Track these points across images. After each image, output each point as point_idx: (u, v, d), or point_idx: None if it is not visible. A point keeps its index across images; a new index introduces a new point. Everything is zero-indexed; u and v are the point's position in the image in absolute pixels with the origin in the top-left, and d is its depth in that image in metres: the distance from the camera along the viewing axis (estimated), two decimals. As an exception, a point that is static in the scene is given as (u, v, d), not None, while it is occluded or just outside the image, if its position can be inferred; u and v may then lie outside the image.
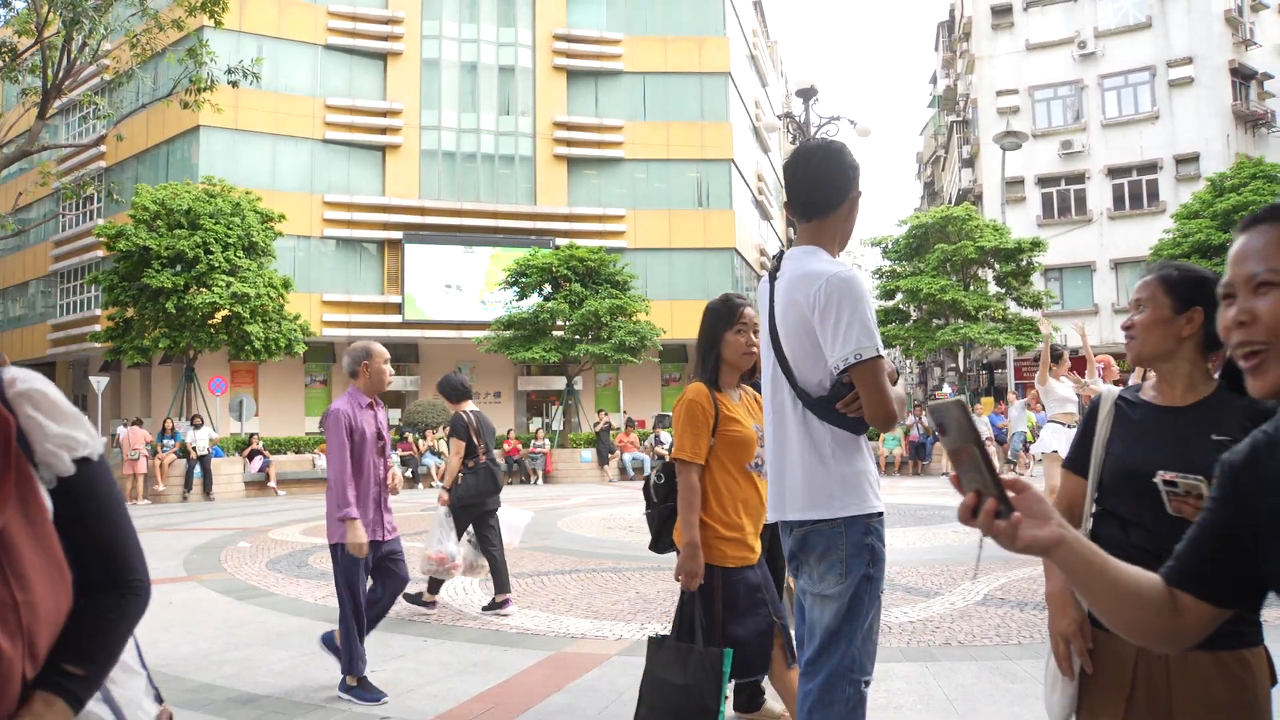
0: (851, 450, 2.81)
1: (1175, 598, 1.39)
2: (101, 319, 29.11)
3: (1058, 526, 1.32)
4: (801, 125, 16.80)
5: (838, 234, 2.96)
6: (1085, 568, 1.34)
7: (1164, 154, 34.42)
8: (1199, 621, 1.38)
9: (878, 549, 2.78)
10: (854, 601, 2.73)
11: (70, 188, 25.57)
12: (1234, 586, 1.37)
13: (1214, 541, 1.39)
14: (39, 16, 18.70)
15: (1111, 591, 1.36)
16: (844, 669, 2.72)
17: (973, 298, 29.38)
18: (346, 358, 5.55)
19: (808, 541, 2.82)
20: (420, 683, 5.47)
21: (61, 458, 1.41)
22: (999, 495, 1.33)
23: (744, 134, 41.28)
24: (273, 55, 31.87)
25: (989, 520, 1.31)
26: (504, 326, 28.54)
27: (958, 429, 1.37)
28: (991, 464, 1.34)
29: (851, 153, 2.98)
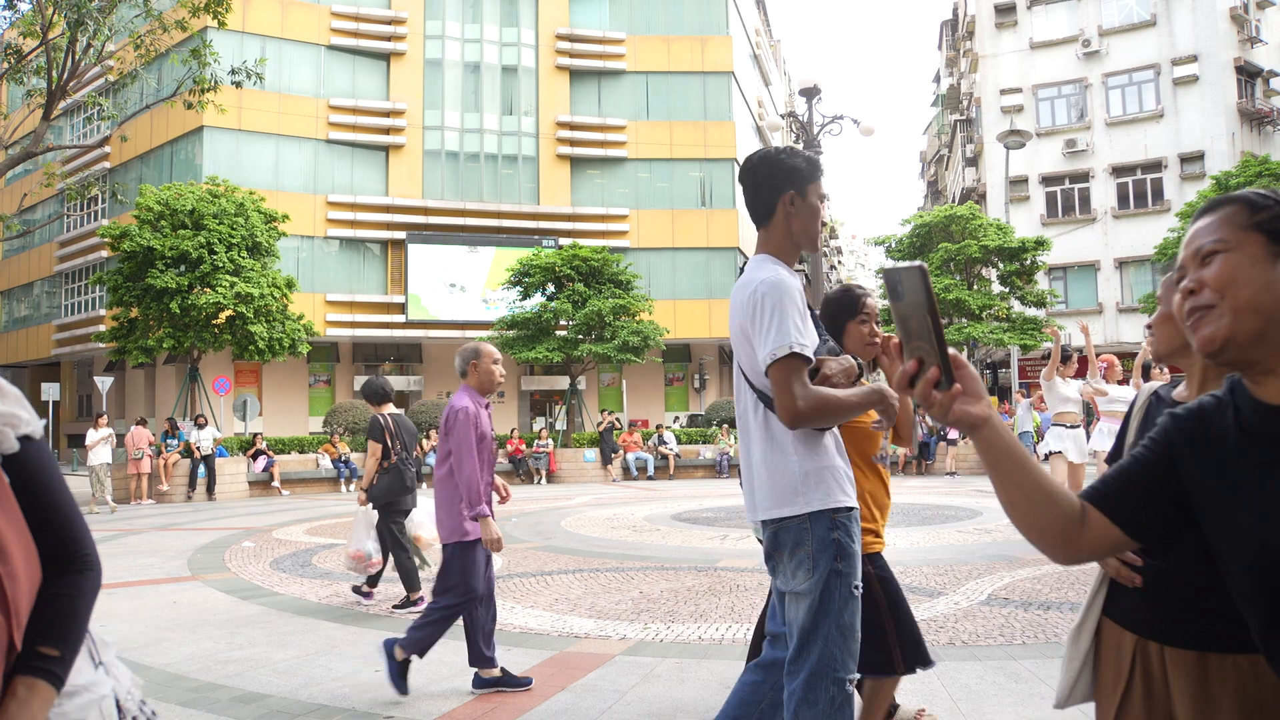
0: (814, 446, 2.84)
1: (1086, 513, 1.45)
2: (106, 319, 29.16)
3: (988, 407, 1.39)
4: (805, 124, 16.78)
5: (785, 238, 3.01)
6: (1006, 452, 1.41)
7: (1169, 152, 34.38)
8: (1100, 541, 1.45)
9: (845, 543, 2.79)
10: (824, 597, 2.75)
11: (75, 188, 25.58)
12: (1146, 522, 1.45)
13: (1143, 479, 1.46)
14: (44, 18, 18.74)
15: (1027, 482, 1.42)
16: (824, 667, 2.73)
17: (976, 297, 29.36)
18: (457, 358, 5.58)
19: (778, 540, 2.86)
20: (424, 682, 5.47)
21: (6, 435, 1.43)
22: (943, 366, 1.36)
23: (747, 133, 41.27)
24: (276, 55, 31.95)
25: (927, 389, 1.37)
26: (507, 326, 28.54)
27: (912, 294, 1.38)
28: (941, 334, 1.36)
29: (793, 155, 2.99)
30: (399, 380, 36.26)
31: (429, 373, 36.55)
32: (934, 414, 1.38)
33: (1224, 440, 1.41)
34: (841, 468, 2.88)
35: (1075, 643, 2.20)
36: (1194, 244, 1.45)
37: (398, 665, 5.20)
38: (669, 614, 7.19)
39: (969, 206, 32.25)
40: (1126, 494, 1.46)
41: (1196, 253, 1.44)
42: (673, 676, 5.47)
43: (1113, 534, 1.45)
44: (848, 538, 2.79)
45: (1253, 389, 1.41)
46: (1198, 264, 1.43)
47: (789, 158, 2.98)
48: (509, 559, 10.31)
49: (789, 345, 2.71)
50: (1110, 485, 1.48)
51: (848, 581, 2.77)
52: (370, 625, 7.08)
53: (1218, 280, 1.39)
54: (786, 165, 2.97)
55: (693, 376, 37.98)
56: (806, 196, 2.97)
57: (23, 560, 1.40)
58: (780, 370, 2.71)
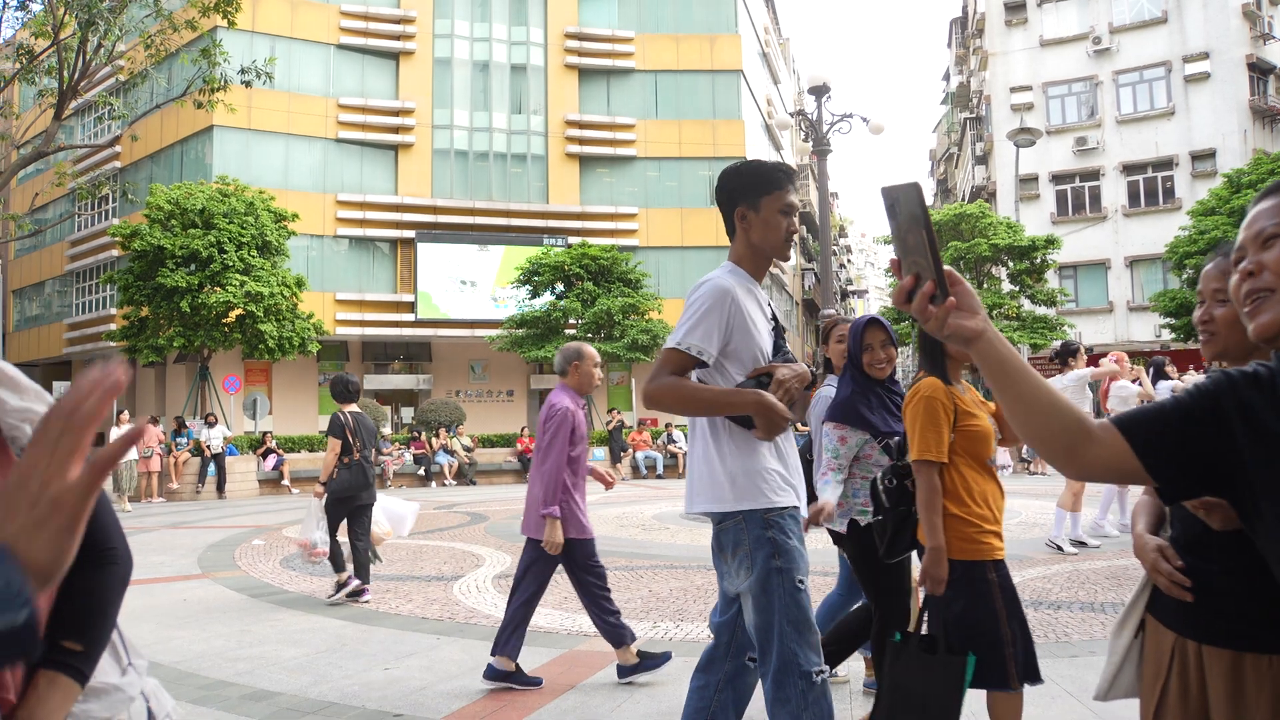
0: (747, 449, 2.90)
1: (1101, 432, 1.42)
2: (117, 318, 29.25)
3: (984, 321, 1.39)
4: (814, 123, 16.75)
5: (747, 248, 3.08)
6: (1004, 363, 1.41)
7: (1180, 150, 34.26)
8: (1108, 461, 1.41)
9: (780, 541, 2.82)
10: (766, 594, 2.79)
11: (86, 188, 25.66)
12: (1167, 463, 1.40)
13: (1181, 422, 1.40)
14: (55, 18, 18.80)
15: (1027, 391, 1.42)
16: (785, 664, 2.76)
17: (986, 296, 29.30)
18: (558, 356, 5.64)
19: (720, 542, 2.93)
20: (433, 680, 5.48)
21: (25, 430, 1.45)
22: (938, 280, 1.38)
23: (756, 132, 41.23)
24: (285, 55, 31.99)
25: (924, 302, 1.38)
26: (516, 325, 28.57)
27: (908, 211, 1.40)
28: (937, 251, 1.38)
29: (749, 169, 3.07)
30: (409, 379, 36.32)
31: (438, 371, 36.58)
32: (930, 328, 1.40)
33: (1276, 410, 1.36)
34: (777, 471, 2.92)
35: (1117, 637, 2.19)
36: (1255, 226, 1.43)
37: (508, 674, 5.28)
38: (678, 612, 7.19)
39: (979, 205, 32.17)
40: (1158, 430, 1.41)
41: (1259, 235, 1.42)
42: (682, 675, 5.46)
43: (1127, 461, 1.41)
44: (783, 535, 2.84)
45: None
46: (1259, 246, 1.41)
47: (743, 174, 3.07)
48: (518, 558, 10.31)
49: (676, 342, 2.87)
50: (1144, 416, 1.44)
51: (789, 577, 2.81)
52: (379, 624, 7.09)
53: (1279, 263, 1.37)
54: (739, 181, 3.06)
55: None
56: (759, 210, 3.02)
57: None
58: (661, 358, 2.89)
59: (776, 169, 3.05)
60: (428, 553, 10.99)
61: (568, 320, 27.88)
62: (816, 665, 2.78)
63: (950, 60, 55.36)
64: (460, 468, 24.65)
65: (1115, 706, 2.13)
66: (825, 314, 15.78)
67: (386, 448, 24.26)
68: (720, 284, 2.93)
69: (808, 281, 56.51)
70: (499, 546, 11.34)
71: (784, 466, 2.96)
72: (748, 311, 2.95)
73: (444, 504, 18.14)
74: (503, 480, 25.17)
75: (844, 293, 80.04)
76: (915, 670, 3.29)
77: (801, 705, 2.74)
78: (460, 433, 25.62)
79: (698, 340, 2.87)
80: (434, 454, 24.65)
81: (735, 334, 2.92)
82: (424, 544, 11.81)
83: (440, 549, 11.33)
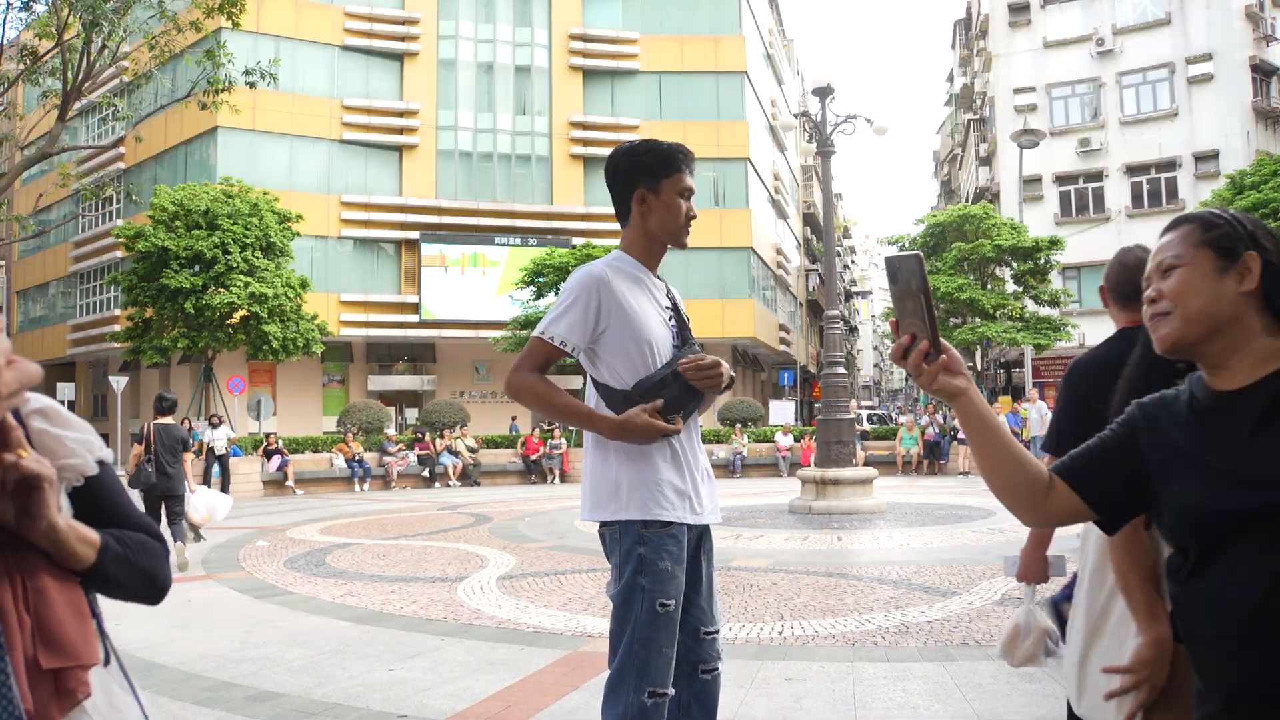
0: (636, 456, 2.78)
1: (1053, 482, 1.66)
2: (121, 319, 29.30)
3: (967, 381, 1.61)
4: (818, 124, 16.74)
5: (642, 235, 2.99)
6: (982, 419, 1.63)
7: (1183, 151, 34.22)
8: (1062, 508, 1.66)
9: (649, 559, 2.72)
10: (625, 607, 2.74)
11: (90, 189, 25.73)
12: (1105, 493, 1.66)
13: (1105, 456, 1.67)
14: (59, 19, 18.85)
15: (999, 447, 1.64)
16: (626, 673, 2.70)
17: (990, 296, 29.29)
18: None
19: (606, 545, 2.88)
20: (437, 681, 5.48)
21: (86, 459, 1.49)
22: (933, 340, 1.59)
23: (760, 133, 41.25)
24: (290, 56, 32.01)
25: (919, 359, 1.60)
26: (521, 326, 28.58)
27: (908, 279, 1.60)
28: (934, 313, 1.59)
29: (646, 150, 2.94)
30: (413, 380, 36.36)
31: (442, 372, 36.62)
32: (922, 382, 1.61)
33: (1178, 419, 1.62)
34: (669, 481, 2.79)
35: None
36: (1158, 258, 1.68)
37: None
38: (682, 614, 7.18)
39: (983, 206, 32.18)
40: (1090, 467, 1.67)
41: (1159, 265, 1.67)
42: (686, 676, 5.46)
43: (1074, 503, 1.65)
44: (654, 554, 2.73)
45: (1208, 379, 1.62)
46: (1160, 275, 1.66)
47: (640, 154, 2.93)
48: (522, 559, 10.33)
49: (540, 331, 2.80)
50: (1077, 460, 1.69)
51: (650, 597, 2.71)
52: (384, 625, 7.10)
53: (1173, 291, 1.62)
54: (635, 162, 2.93)
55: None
56: (659, 193, 2.91)
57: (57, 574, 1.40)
58: (527, 346, 2.83)
59: (675, 150, 2.93)
60: (432, 554, 11.00)
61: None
62: (655, 687, 2.70)
63: (954, 62, 55.35)
64: (464, 469, 24.66)
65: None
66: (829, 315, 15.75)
67: (391, 448, 24.29)
68: (591, 271, 2.84)
69: (812, 282, 56.52)
70: (503, 548, 11.34)
71: (680, 474, 2.83)
72: (628, 300, 2.81)
73: (448, 505, 18.16)
74: (507, 481, 25.19)
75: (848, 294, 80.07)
76: None
77: (629, 717, 2.69)
78: (464, 433, 25.64)
79: (561, 330, 2.77)
80: (438, 455, 24.66)
81: (612, 324, 2.79)
82: (428, 545, 11.82)
83: (444, 550, 11.34)
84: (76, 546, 1.40)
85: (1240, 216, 1.68)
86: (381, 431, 25.35)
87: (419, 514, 16.45)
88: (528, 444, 25.63)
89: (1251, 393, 1.56)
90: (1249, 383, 1.57)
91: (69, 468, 1.47)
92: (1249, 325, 1.58)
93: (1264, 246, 1.61)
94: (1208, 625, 1.52)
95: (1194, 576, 1.54)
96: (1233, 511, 1.48)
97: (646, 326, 2.82)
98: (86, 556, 1.42)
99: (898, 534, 11.58)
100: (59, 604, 1.37)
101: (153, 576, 1.57)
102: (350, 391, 35.16)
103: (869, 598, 7.58)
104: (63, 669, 1.34)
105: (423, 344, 36.36)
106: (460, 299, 34.62)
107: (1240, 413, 1.55)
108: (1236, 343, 1.58)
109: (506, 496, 20.27)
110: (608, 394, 2.83)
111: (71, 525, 1.40)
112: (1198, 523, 1.52)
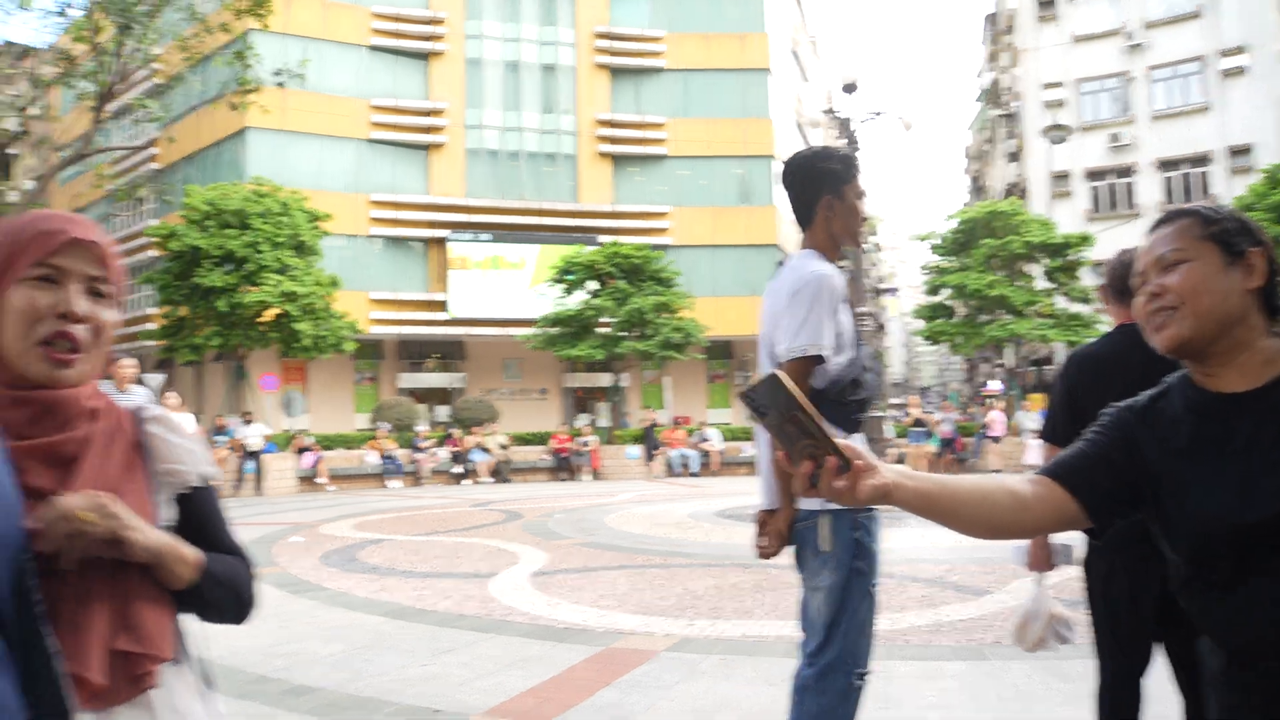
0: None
1: (1024, 499, 1.58)
2: (155, 318, 29.56)
3: (887, 472, 1.45)
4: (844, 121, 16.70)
5: (827, 237, 3.07)
6: (922, 496, 1.50)
7: (1216, 146, 33.82)
8: (1051, 513, 1.59)
9: (865, 543, 2.85)
10: (844, 594, 2.82)
11: (124, 189, 26.01)
12: (1102, 497, 1.59)
13: (1103, 458, 1.61)
14: (93, 24, 19.08)
15: (957, 506, 1.53)
16: (839, 660, 2.81)
17: (1020, 293, 29.08)
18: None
19: (803, 536, 2.92)
20: (471, 676, 5.53)
21: (191, 472, 1.57)
22: (837, 453, 1.38)
23: (786, 130, 41.11)
24: (318, 56, 32.20)
25: (829, 479, 1.40)
26: (550, 324, 28.65)
27: (775, 402, 1.38)
28: (821, 424, 1.38)
29: (827, 158, 3.06)
30: (443, 377, 36.52)
31: (471, 370, 36.74)
32: (845, 500, 1.42)
33: (1178, 424, 1.57)
34: None
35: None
36: (1155, 252, 1.61)
37: None
38: (713, 610, 7.21)
39: (1012, 202, 31.94)
40: (1087, 471, 1.61)
41: (1159, 260, 1.60)
42: (717, 673, 5.49)
43: (1068, 508, 1.59)
44: (868, 537, 2.86)
45: (1204, 380, 1.58)
46: (1160, 270, 1.59)
47: (823, 161, 3.06)
48: (554, 555, 10.37)
49: (818, 345, 2.81)
50: (1072, 462, 1.63)
51: (867, 581, 2.85)
52: (417, 620, 7.15)
53: (1180, 287, 1.55)
54: (821, 169, 3.05)
55: (734, 374, 37.93)
56: (844, 198, 3.05)
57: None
58: (796, 368, 2.80)
59: (853, 157, 3.08)
60: (464, 550, 11.06)
61: (600, 319, 27.92)
62: (864, 668, 2.84)
63: (983, 56, 54.97)
64: (495, 466, 24.77)
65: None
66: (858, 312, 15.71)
67: (422, 445, 24.44)
68: (831, 275, 2.92)
69: (839, 279, 56.26)
70: (535, 544, 11.39)
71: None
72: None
73: (479, 502, 18.25)
74: (537, 478, 25.26)
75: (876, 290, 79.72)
76: None
77: (835, 701, 2.78)
78: (494, 430, 25.74)
79: (827, 340, 2.84)
80: (468, 452, 24.77)
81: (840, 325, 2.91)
82: (460, 541, 11.89)
83: (476, 546, 11.40)
84: (176, 567, 1.46)
85: (1234, 211, 1.63)
86: (413, 428, 25.51)
87: (450, 510, 16.54)
88: (557, 441, 25.71)
89: (1264, 395, 1.52)
90: (1259, 385, 1.53)
91: (174, 473, 1.54)
92: (1253, 324, 1.55)
93: (1263, 242, 1.58)
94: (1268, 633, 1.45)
95: (1233, 586, 1.48)
96: (1269, 519, 1.43)
97: (847, 324, 2.95)
98: (184, 576, 1.47)
99: (929, 532, 11.53)
100: (142, 594, 1.42)
101: (243, 601, 1.65)
102: (382, 389, 35.35)
103: (901, 596, 7.57)
104: (134, 654, 1.38)
105: (452, 341, 36.50)
106: (488, 297, 34.73)
107: (1256, 416, 1.50)
108: (1242, 342, 1.54)
109: (537, 493, 20.34)
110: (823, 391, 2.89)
111: (172, 545, 1.45)
112: (1230, 532, 1.46)
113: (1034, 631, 3.45)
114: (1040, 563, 3.44)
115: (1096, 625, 3.08)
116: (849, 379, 2.88)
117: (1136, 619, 2.94)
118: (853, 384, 2.89)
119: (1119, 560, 2.94)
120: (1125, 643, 2.99)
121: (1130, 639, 2.98)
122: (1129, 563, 2.90)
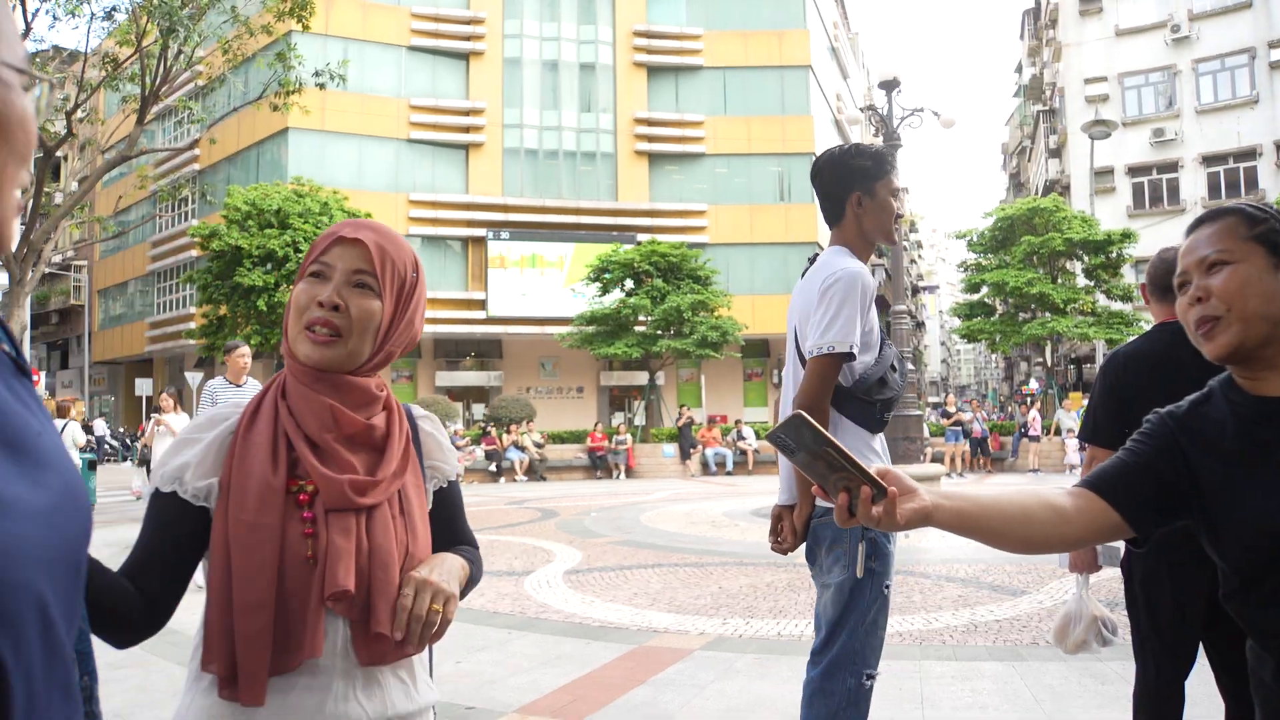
0: (859, 445, 2.86)
1: (1065, 512, 1.56)
2: (196, 317, 29.97)
3: (925, 495, 1.45)
4: (884, 117, 16.58)
5: (858, 235, 3.07)
6: (963, 517, 1.49)
7: (1264, 140, 33.25)
8: (1086, 523, 1.56)
9: (881, 543, 2.82)
10: (856, 592, 2.79)
11: (166, 190, 26.33)
12: (1145, 508, 1.56)
13: (1147, 469, 1.57)
14: (138, 27, 19.35)
15: (998, 524, 1.52)
16: (845, 659, 2.78)
17: (1061, 291, 28.79)
18: None
19: (817, 532, 2.90)
20: (504, 674, 5.55)
21: (452, 469, 1.74)
22: (871, 481, 1.41)
23: (825, 127, 40.95)
24: (358, 57, 32.47)
25: (868, 508, 1.41)
26: (586, 322, 28.70)
27: (803, 441, 1.42)
28: (850, 456, 1.41)
29: (858, 154, 3.04)
30: (480, 375, 36.71)
31: (509, 368, 36.90)
32: (885, 526, 1.42)
33: (1223, 429, 1.52)
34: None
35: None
36: (1197, 253, 1.55)
37: None
38: (748, 609, 7.20)
39: (1052, 199, 31.60)
40: (1131, 483, 1.57)
41: (1202, 261, 1.54)
42: (752, 672, 5.48)
43: (1109, 519, 1.56)
44: (883, 537, 2.83)
45: (1250, 385, 1.53)
46: (1203, 273, 1.54)
47: (854, 158, 3.03)
48: (589, 553, 10.40)
49: (846, 343, 2.77)
50: (1114, 474, 1.59)
51: (880, 580, 2.81)
52: (453, 617, 7.19)
53: (1225, 290, 1.50)
54: (851, 166, 3.03)
55: (771, 372, 37.84)
56: (875, 195, 3.02)
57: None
58: (824, 364, 2.78)
59: (885, 153, 3.05)
60: (499, 548, 11.11)
61: (637, 317, 27.94)
62: (872, 669, 2.81)
63: (1023, 52, 54.42)
64: (531, 464, 24.85)
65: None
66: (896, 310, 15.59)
67: (459, 443, 24.57)
68: (863, 272, 2.91)
69: (878, 277, 55.98)
70: (569, 542, 11.43)
71: (886, 460, 2.94)
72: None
73: (515, 500, 18.31)
74: (573, 476, 25.33)
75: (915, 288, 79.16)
76: None
77: (844, 702, 2.77)
78: (530, 428, 25.84)
79: (855, 337, 2.82)
80: (505, 450, 24.88)
81: (871, 322, 2.91)
82: (495, 539, 11.94)
83: (511, 544, 11.45)
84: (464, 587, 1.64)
85: (1276, 210, 1.57)
86: (449, 427, 25.64)
87: (486, 508, 16.61)
88: (593, 439, 25.76)
89: None
90: None
91: (439, 470, 1.72)
92: None
93: None
94: None
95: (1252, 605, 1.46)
96: None
97: (875, 323, 2.95)
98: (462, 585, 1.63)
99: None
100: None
101: (475, 587, 1.79)
102: (419, 387, 35.60)
103: (937, 596, 7.52)
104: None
105: (489, 340, 36.68)
106: (526, 295, 34.87)
107: None
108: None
109: (573, 491, 20.39)
110: (850, 389, 2.88)
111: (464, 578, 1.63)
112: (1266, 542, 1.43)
113: (1076, 633, 3.43)
114: (1084, 563, 3.41)
115: (1138, 628, 3.05)
116: (875, 378, 2.86)
117: (1179, 622, 2.91)
118: (879, 383, 2.86)
119: (1161, 562, 2.91)
120: (1168, 645, 2.96)
121: (1173, 642, 2.95)
122: (1171, 565, 2.88)
